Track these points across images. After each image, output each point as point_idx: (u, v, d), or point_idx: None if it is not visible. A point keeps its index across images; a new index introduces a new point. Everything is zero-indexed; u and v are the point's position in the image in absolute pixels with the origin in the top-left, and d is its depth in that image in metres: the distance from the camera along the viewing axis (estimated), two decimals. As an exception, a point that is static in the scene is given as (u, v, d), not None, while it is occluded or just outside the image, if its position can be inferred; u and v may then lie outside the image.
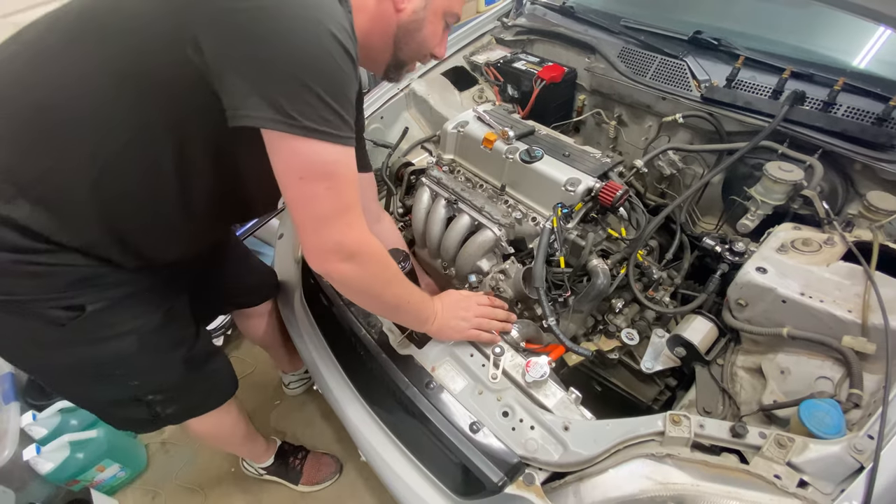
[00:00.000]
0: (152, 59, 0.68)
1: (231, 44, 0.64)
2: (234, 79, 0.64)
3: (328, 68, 0.66)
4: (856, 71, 1.22)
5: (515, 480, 0.85)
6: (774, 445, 0.78)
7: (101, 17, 0.71)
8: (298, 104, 0.65)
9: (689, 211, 1.47)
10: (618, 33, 1.55)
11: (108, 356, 0.90)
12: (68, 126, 0.71)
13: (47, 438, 1.47)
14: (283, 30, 0.63)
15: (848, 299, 0.93)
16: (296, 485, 1.59)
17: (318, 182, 0.71)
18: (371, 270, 0.83)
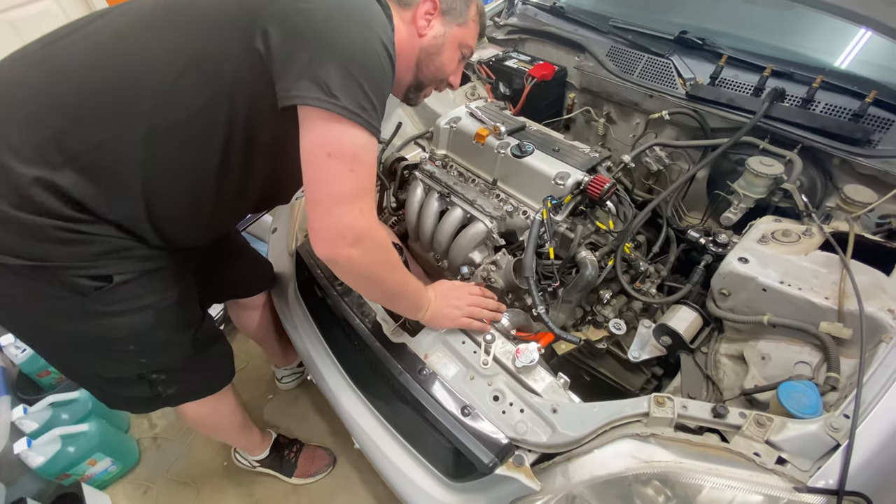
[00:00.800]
0: (224, 48, 0.76)
1: (293, 36, 0.73)
2: (291, 66, 0.73)
3: (373, 65, 0.75)
4: (833, 69, 1.26)
5: (506, 462, 0.87)
6: (754, 425, 0.81)
7: (179, 8, 0.78)
8: (342, 89, 0.72)
9: (676, 206, 1.51)
10: (606, 33, 1.58)
11: (125, 329, 0.92)
12: (130, 103, 0.76)
13: (38, 432, 1.47)
14: (340, 27, 0.73)
15: (825, 287, 0.96)
16: (289, 477, 1.60)
17: (344, 162, 0.75)
18: (376, 256, 0.85)
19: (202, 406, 1.21)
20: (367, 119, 0.75)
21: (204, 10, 0.78)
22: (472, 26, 1.03)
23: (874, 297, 0.90)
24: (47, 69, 0.77)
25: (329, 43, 0.72)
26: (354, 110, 0.73)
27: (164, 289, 0.96)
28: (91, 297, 0.85)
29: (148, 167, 0.80)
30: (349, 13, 0.74)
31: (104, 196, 0.79)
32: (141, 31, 0.78)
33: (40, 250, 0.78)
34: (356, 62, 0.73)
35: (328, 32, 0.72)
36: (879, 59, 1.20)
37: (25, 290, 0.83)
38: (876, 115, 1.13)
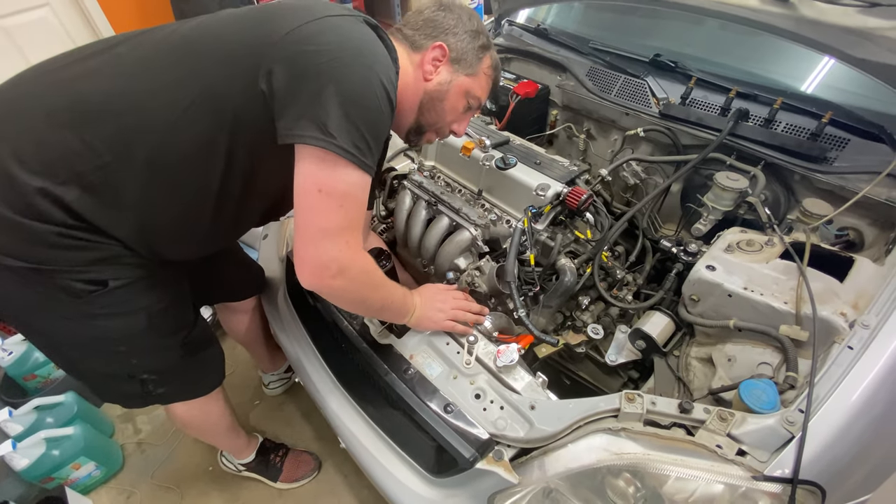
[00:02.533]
0: (228, 86, 0.80)
1: (297, 77, 0.76)
2: (293, 105, 0.77)
3: (371, 107, 0.79)
4: (794, 92, 1.36)
5: (486, 456, 0.91)
6: (717, 419, 0.87)
7: (191, 44, 0.83)
8: (339, 129, 0.75)
9: (652, 218, 1.58)
10: (587, 54, 1.67)
11: (117, 331, 0.95)
12: (137, 131, 0.80)
13: (23, 435, 1.47)
14: (342, 69, 0.76)
15: (784, 292, 1.03)
16: (274, 482, 1.61)
17: (334, 198, 0.80)
18: (359, 282, 0.91)
19: (192, 407, 1.23)
20: (360, 158, 0.78)
21: (214, 47, 0.82)
22: (483, 78, 1.03)
23: (828, 302, 0.98)
24: (64, 90, 0.81)
25: (330, 84, 0.75)
26: (349, 150, 0.76)
27: (157, 293, 0.99)
28: (85, 300, 0.88)
29: (148, 191, 0.84)
30: (352, 55, 0.77)
31: (104, 212, 0.83)
32: (155, 64, 0.82)
33: (39, 254, 0.81)
34: (355, 103, 0.76)
35: (330, 73, 0.75)
36: (838, 83, 1.30)
37: (23, 290, 0.87)
38: (832, 135, 1.22)
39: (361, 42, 0.80)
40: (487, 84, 1.06)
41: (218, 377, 1.26)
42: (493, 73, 1.06)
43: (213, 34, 0.84)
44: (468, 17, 0.99)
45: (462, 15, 0.99)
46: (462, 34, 0.97)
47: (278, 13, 0.83)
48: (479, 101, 1.07)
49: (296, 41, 0.77)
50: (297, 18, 0.79)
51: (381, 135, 0.83)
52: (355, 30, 0.81)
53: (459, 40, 0.97)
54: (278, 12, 0.83)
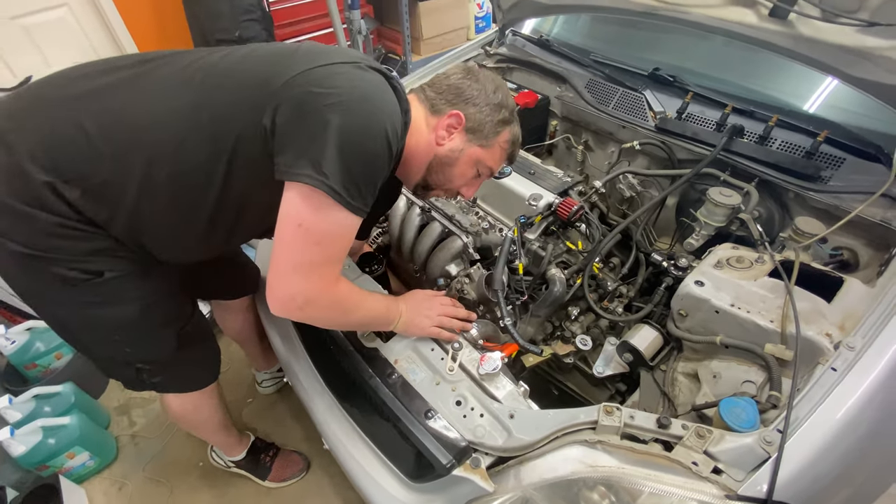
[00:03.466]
0: (236, 117, 0.82)
1: (300, 117, 0.78)
2: (293, 144, 0.79)
3: (367, 152, 0.81)
4: (793, 109, 1.35)
5: (463, 463, 0.92)
6: (694, 436, 0.87)
7: (216, 77, 0.85)
8: (331, 170, 0.77)
9: (647, 231, 1.58)
10: (587, 66, 1.68)
11: (111, 320, 0.98)
12: (144, 148, 0.83)
13: (21, 422, 1.50)
14: (344, 113, 0.77)
15: (771, 311, 1.03)
16: (263, 480, 1.62)
17: (312, 234, 0.82)
18: (329, 310, 0.94)
19: (185, 401, 1.26)
20: (348, 200, 0.80)
21: (227, 80, 0.84)
22: (497, 151, 1.03)
23: (814, 322, 0.97)
24: (84, 99, 0.84)
25: (330, 126, 0.76)
26: (338, 190, 0.78)
27: (151, 286, 1.01)
28: (80, 288, 0.91)
29: (144, 205, 0.87)
30: (357, 100, 0.79)
31: (102, 213, 0.86)
32: (171, 88, 0.85)
33: (39, 241, 0.84)
34: (352, 147, 0.78)
35: (332, 116, 0.76)
36: (836, 102, 1.29)
37: (26, 274, 0.91)
38: (828, 153, 1.22)
39: (368, 88, 0.82)
40: (501, 156, 1.06)
41: (212, 374, 1.29)
42: (510, 147, 1.06)
43: (229, 67, 0.86)
44: (494, 89, 0.99)
45: (487, 86, 0.98)
46: (483, 106, 0.97)
47: (295, 55, 0.85)
48: (490, 170, 1.07)
49: (304, 83, 0.79)
50: (311, 61, 0.81)
51: (376, 180, 0.84)
52: (365, 77, 0.83)
53: (479, 111, 0.97)
54: (296, 54, 0.85)
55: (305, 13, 2.91)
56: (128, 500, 1.64)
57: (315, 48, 0.89)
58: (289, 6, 2.85)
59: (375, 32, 3.39)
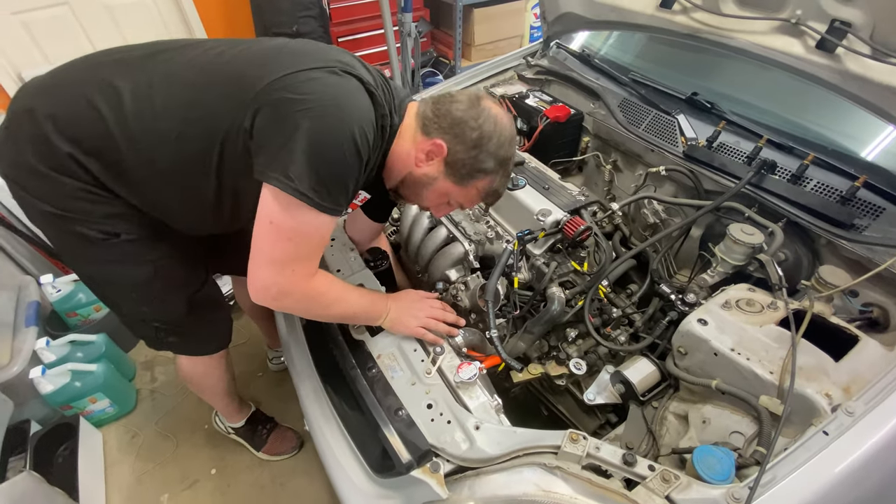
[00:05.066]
0: (225, 115, 0.87)
1: (275, 121, 0.83)
2: (267, 148, 0.84)
3: (335, 157, 0.84)
4: (831, 147, 1.25)
5: (422, 466, 0.92)
6: (659, 479, 0.83)
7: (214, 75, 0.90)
8: (299, 174, 0.82)
9: (667, 262, 1.52)
10: (624, 85, 1.64)
11: (127, 278, 1.07)
12: (148, 137, 0.90)
13: (54, 364, 1.66)
14: (314, 118, 0.81)
15: (773, 361, 0.96)
16: (257, 451, 1.71)
17: (283, 231, 0.87)
18: (305, 303, 0.99)
19: (195, 364, 1.36)
20: (316, 201, 0.83)
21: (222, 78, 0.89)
22: (473, 192, 1.03)
23: (815, 380, 0.90)
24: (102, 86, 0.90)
25: (300, 131, 0.80)
26: (305, 192, 0.82)
27: (165, 250, 1.09)
28: (98, 246, 0.99)
29: (154, 185, 0.95)
30: (328, 106, 0.82)
31: (119, 185, 0.94)
32: (177, 79, 0.90)
33: (63, 202, 0.93)
34: (320, 152, 0.82)
35: (302, 122, 0.81)
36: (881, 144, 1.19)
37: (56, 231, 1.01)
38: (866, 200, 1.12)
39: (339, 94, 0.84)
40: (476, 198, 1.06)
41: (222, 341, 1.36)
42: (487, 196, 1.06)
43: (221, 67, 0.91)
44: (491, 134, 0.96)
45: (485, 127, 0.95)
46: (471, 147, 0.96)
47: (280, 56, 0.88)
48: (459, 205, 1.08)
49: (281, 87, 0.83)
50: (292, 64, 0.85)
51: (345, 181, 0.87)
52: (338, 83, 0.85)
53: (465, 151, 0.96)
54: (280, 55, 0.89)
55: (361, 13, 3.01)
56: (137, 449, 1.78)
57: (300, 49, 0.92)
58: (346, 5, 2.96)
59: (429, 36, 3.45)
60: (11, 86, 2.51)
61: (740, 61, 1.34)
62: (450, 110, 0.96)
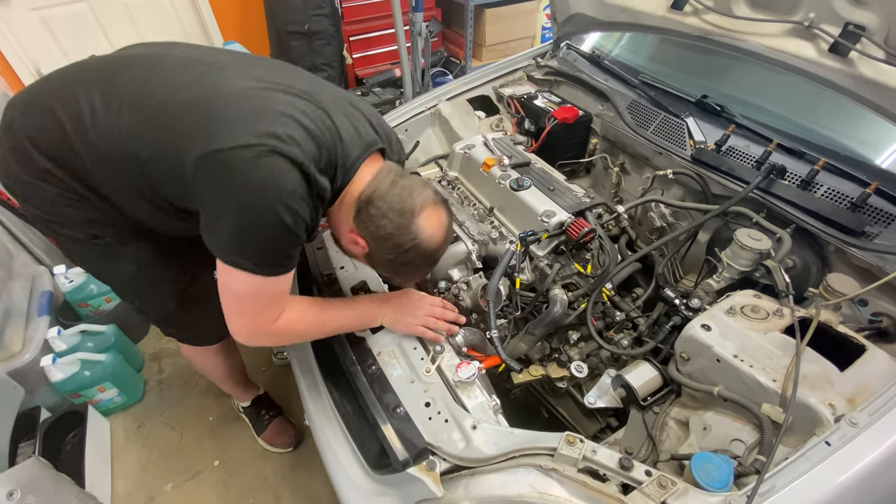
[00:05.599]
0: (162, 158, 0.88)
1: (207, 198, 0.86)
2: (206, 228, 0.88)
3: (267, 240, 0.87)
4: (843, 153, 1.23)
5: (419, 464, 0.93)
6: (655, 484, 0.82)
7: (167, 116, 0.88)
8: (231, 248, 0.87)
9: (674, 266, 1.50)
10: (634, 87, 1.62)
11: (119, 274, 1.12)
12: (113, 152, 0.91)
13: (64, 353, 1.70)
14: (243, 213, 0.83)
15: (777, 369, 0.95)
16: (258, 435, 1.75)
17: (230, 292, 0.93)
18: (277, 340, 1.03)
19: (197, 351, 1.41)
20: (252, 267, 0.87)
21: (168, 126, 0.87)
22: (391, 277, 1.12)
23: (819, 389, 0.88)
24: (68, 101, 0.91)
25: (226, 214, 0.84)
26: (238, 262, 0.86)
27: (149, 247, 1.10)
28: (87, 246, 1.04)
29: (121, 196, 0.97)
30: (255, 193, 0.82)
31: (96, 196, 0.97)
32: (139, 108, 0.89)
33: (48, 208, 0.98)
34: (246, 232, 0.85)
35: (232, 210, 0.83)
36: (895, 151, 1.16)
37: (51, 233, 1.05)
38: (878, 207, 1.10)
39: (266, 179, 0.82)
40: (395, 280, 1.14)
41: (219, 334, 1.39)
42: (401, 281, 1.15)
43: (177, 108, 0.88)
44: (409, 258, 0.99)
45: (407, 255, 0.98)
46: (391, 261, 1.00)
47: (225, 114, 0.85)
48: None
49: (212, 168, 0.83)
50: (227, 136, 0.82)
51: (284, 252, 0.89)
52: (267, 166, 0.82)
53: (384, 260, 1.01)
54: (226, 113, 0.85)
55: (373, 12, 3.03)
56: (143, 439, 1.81)
57: (246, 109, 0.86)
58: (358, 4, 2.98)
59: (440, 35, 3.45)
60: (29, 80, 2.57)
61: (751, 64, 1.32)
62: (378, 223, 0.95)
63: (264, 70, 0.96)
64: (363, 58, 3.22)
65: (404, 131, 1.85)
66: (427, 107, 1.87)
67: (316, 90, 0.94)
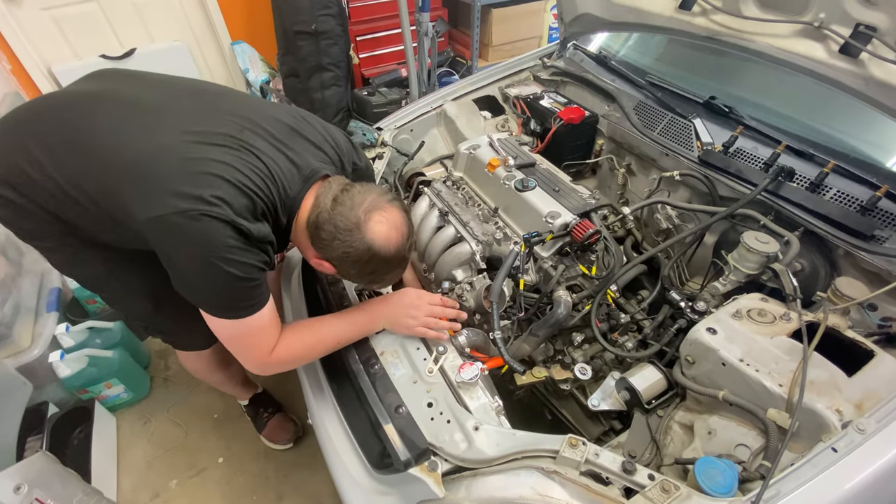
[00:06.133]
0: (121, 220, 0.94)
1: (164, 260, 0.92)
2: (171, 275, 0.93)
3: (223, 290, 0.91)
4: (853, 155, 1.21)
5: (420, 464, 0.93)
6: (658, 489, 0.81)
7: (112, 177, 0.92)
8: (200, 299, 0.94)
9: (679, 268, 1.49)
10: (641, 87, 1.61)
11: (91, 278, 1.15)
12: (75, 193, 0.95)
13: (72, 349, 1.72)
14: (192, 276, 0.90)
15: (783, 374, 0.94)
16: (259, 432, 1.76)
17: (219, 334, 0.99)
18: (282, 367, 1.07)
19: (188, 355, 1.41)
20: (220, 314, 0.93)
21: (112, 187, 0.91)
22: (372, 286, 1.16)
23: (826, 395, 0.87)
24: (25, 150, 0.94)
25: (186, 281, 0.92)
26: (208, 309, 0.94)
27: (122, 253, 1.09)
28: (59, 252, 1.07)
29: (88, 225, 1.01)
30: (197, 260, 0.87)
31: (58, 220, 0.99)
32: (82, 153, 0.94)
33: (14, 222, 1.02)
34: (208, 294, 0.92)
35: (183, 272, 0.91)
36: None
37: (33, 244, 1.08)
38: (888, 211, 1.08)
39: (198, 239, 0.86)
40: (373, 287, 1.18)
41: (202, 340, 1.37)
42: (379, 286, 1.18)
43: (121, 170, 0.90)
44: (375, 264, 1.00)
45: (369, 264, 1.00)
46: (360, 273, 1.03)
47: (156, 184, 0.87)
48: None
49: (155, 231, 0.88)
50: (164, 198, 0.85)
51: (238, 294, 0.92)
52: (200, 230, 0.85)
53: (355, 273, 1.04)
54: (156, 183, 0.87)
55: (380, 12, 3.03)
56: (149, 435, 1.82)
57: (180, 166, 0.88)
58: (365, 4, 2.98)
59: (446, 35, 3.45)
60: (41, 79, 2.60)
61: (760, 65, 1.31)
62: (331, 245, 0.97)
63: (200, 113, 0.97)
64: (370, 58, 3.23)
65: (410, 131, 1.85)
66: (433, 107, 1.87)
67: (251, 131, 0.96)
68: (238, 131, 0.95)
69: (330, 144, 1.09)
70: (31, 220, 0.99)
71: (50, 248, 1.07)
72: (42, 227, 1.01)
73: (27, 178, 0.93)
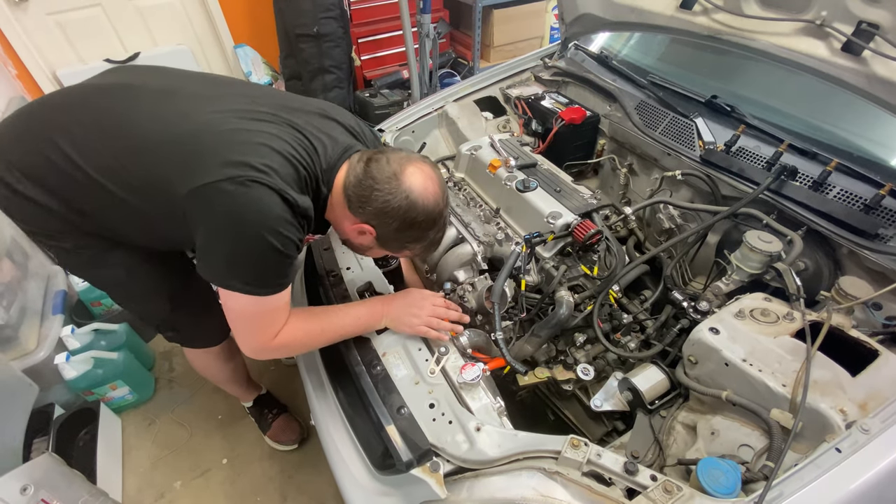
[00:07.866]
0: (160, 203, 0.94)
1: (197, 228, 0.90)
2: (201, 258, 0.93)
3: (257, 264, 0.91)
4: (857, 154, 1.21)
5: (422, 465, 0.93)
6: (660, 490, 0.81)
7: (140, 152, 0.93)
8: (223, 274, 0.92)
9: (682, 268, 1.48)
10: (642, 87, 1.61)
11: (109, 279, 1.15)
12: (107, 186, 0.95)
13: (78, 351, 1.73)
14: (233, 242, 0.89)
15: (786, 374, 0.93)
16: (264, 433, 1.76)
17: (230, 311, 0.99)
18: (284, 352, 1.07)
19: (198, 354, 1.43)
20: (248, 288, 0.92)
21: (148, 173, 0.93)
22: (407, 252, 1.12)
23: (830, 395, 0.87)
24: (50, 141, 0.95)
25: (217, 242, 0.90)
26: (237, 285, 0.91)
27: (140, 254, 1.12)
28: (75, 255, 1.07)
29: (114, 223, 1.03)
30: (241, 224, 0.87)
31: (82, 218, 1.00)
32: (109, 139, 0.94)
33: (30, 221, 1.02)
34: (243, 261, 0.90)
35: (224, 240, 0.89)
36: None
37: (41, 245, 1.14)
38: (892, 209, 1.07)
39: (243, 209, 0.87)
40: (415, 254, 1.14)
41: (219, 336, 1.40)
42: (424, 252, 1.13)
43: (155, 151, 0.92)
44: (415, 217, 0.99)
45: (408, 214, 0.98)
46: (398, 231, 1.00)
47: (199, 148, 0.89)
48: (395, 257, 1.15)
49: (199, 201, 0.88)
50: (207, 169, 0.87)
51: (279, 269, 0.94)
52: (246, 195, 0.86)
53: (393, 233, 1.02)
54: (199, 147, 0.89)
55: (382, 14, 3.04)
56: (154, 436, 1.83)
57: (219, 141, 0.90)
58: (367, 6, 2.99)
59: (448, 37, 3.45)
60: (46, 83, 2.62)
61: (762, 64, 1.31)
62: (370, 198, 0.97)
63: (235, 97, 1.00)
64: (371, 59, 3.24)
65: (411, 132, 1.85)
66: (434, 108, 1.87)
67: (287, 110, 0.99)
68: (278, 110, 0.98)
69: (360, 129, 1.13)
70: (54, 218, 0.99)
71: (68, 249, 1.06)
72: (65, 227, 1.01)
73: (56, 170, 0.93)
